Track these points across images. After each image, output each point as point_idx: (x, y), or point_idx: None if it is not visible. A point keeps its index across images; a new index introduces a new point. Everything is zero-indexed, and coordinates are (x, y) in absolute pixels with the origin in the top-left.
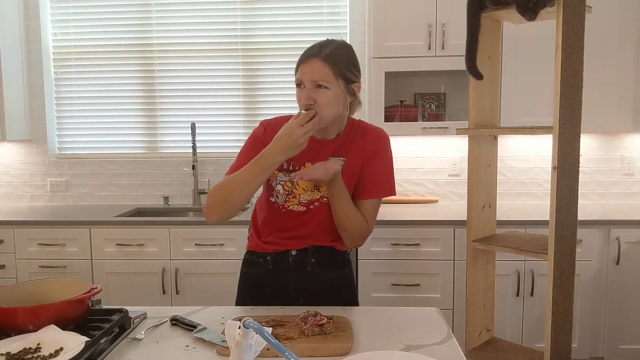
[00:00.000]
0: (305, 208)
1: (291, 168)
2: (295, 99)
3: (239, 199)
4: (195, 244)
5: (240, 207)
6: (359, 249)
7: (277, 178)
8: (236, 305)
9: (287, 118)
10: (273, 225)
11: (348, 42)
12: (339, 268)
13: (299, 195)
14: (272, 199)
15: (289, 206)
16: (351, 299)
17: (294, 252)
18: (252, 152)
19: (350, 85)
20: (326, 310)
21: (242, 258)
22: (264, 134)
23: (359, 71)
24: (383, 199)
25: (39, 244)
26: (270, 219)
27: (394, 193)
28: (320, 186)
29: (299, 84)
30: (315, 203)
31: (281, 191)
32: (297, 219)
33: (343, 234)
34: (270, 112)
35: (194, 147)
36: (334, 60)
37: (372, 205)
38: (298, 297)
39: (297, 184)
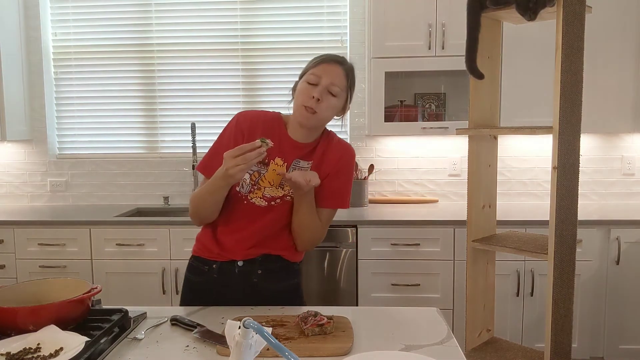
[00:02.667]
0: (266, 203)
1: (261, 159)
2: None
3: (209, 211)
4: None
5: (214, 214)
6: (359, 249)
7: None
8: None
9: (262, 114)
10: (228, 220)
11: (348, 42)
12: (287, 280)
13: (264, 188)
14: (238, 188)
15: (251, 198)
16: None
17: (240, 263)
18: (219, 146)
19: (347, 105)
20: (326, 310)
21: (187, 261)
22: (236, 125)
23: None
24: (383, 198)
25: (39, 244)
26: (229, 212)
27: (348, 206)
28: (284, 185)
29: (313, 82)
30: (277, 200)
31: (247, 180)
32: (256, 215)
33: (298, 239)
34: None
35: (194, 147)
36: (351, 75)
37: (329, 214)
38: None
39: (264, 177)
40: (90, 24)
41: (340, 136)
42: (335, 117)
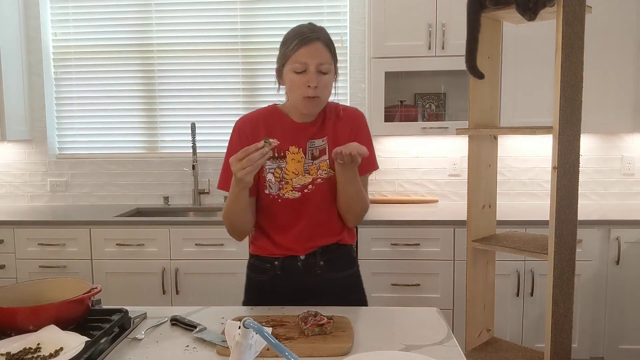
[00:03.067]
0: (299, 193)
1: (276, 154)
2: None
3: (240, 221)
4: (195, 244)
5: (248, 224)
6: (359, 248)
7: (266, 168)
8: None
9: (259, 112)
10: (275, 222)
11: (348, 42)
12: (347, 268)
13: (291, 180)
14: (267, 191)
15: (283, 194)
16: (361, 300)
17: (302, 257)
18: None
19: (337, 67)
20: (326, 310)
21: (247, 260)
22: (238, 132)
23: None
24: (383, 198)
25: (39, 244)
26: (270, 215)
27: (377, 167)
28: (309, 170)
29: (300, 70)
30: (309, 186)
31: (272, 180)
32: (296, 208)
33: (349, 215)
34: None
35: (194, 147)
36: (330, 43)
37: (365, 181)
38: (306, 301)
39: (287, 170)
40: (90, 24)
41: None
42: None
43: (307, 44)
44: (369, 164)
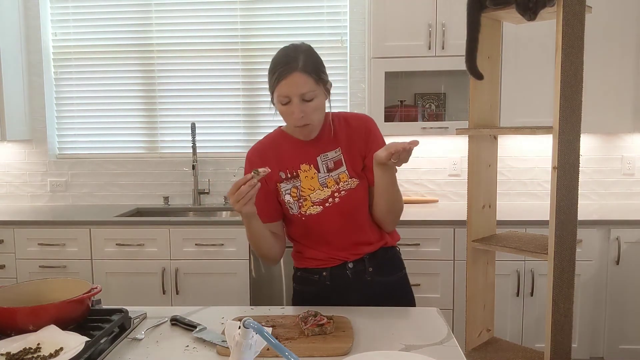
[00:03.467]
0: (321, 207)
1: (289, 175)
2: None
3: (260, 245)
4: (195, 244)
5: (271, 246)
6: None
7: (282, 190)
8: None
9: (265, 139)
10: (309, 237)
11: (348, 42)
12: (395, 272)
13: (309, 196)
14: (291, 212)
15: (305, 211)
16: (410, 302)
17: (350, 265)
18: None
19: (327, 87)
20: (326, 310)
21: (292, 275)
22: (249, 164)
23: (325, 69)
24: None
25: (39, 244)
26: (303, 233)
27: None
28: (327, 183)
29: (285, 102)
30: (330, 200)
31: (291, 200)
32: (321, 221)
33: (390, 216)
34: (270, 112)
35: (194, 147)
36: (312, 68)
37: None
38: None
39: (302, 187)
40: (90, 24)
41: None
42: (328, 99)
43: (285, 76)
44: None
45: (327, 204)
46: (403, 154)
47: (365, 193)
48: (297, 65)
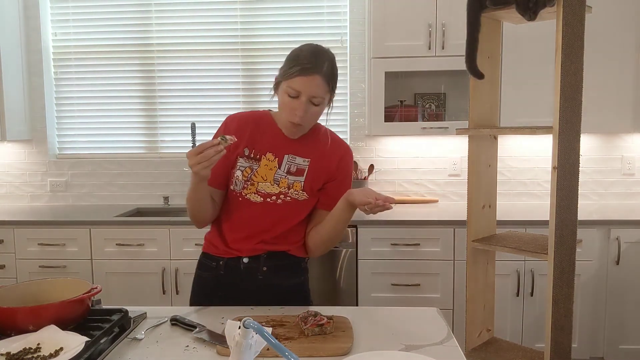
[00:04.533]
0: (261, 199)
1: (252, 155)
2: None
3: (198, 210)
4: (195, 244)
5: (206, 213)
6: (359, 249)
7: (238, 164)
8: (190, 305)
9: (251, 113)
10: (230, 218)
11: (348, 42)
12: (293, 278)
13: (257, 183)
14: (232, 187)
15: (245, 194)
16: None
17: (245, 260)
18: None
19: (332, 98)
20: (326, 310)
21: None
22: (224, 128)
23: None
24: None
25: (39, 244)
26: (228, 211)
27: None
28: (279, 182)
29: (293, 96)
30: (273, 197)
31: (240, 177)
32: (254, 211)
33: (322, 246)
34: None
35: (193, 147)
36: (331, 77)
37: None
38: (247, 303)
39: (257, 172)
40: (90, 24)
41: (341, 137)
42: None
43: (306, 75)
44: None
45: (268, 199)
46: (376, 209)
47: (307, 211)
48: (322, 70)
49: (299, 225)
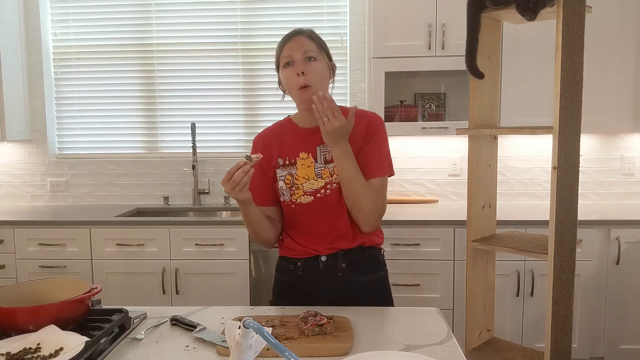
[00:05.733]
0: (312, 197)
1: (287, 162)
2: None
3: (257, 230)
4: (195, 244)
5: (266, 231)
6: None
7: (278, 176)
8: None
9: (272, 126)
10: (294, 226)
11: (348, 42)
12: (372, 273)
13: (302, 185)
14: (282, 199)
15: (296, 199)
16: (387, 304)
17: (323, 258)
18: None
19: (330, 62)
20: (326, 310)
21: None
22: (253, 150)
23: (328, 48)
24: None
25: (39, 244)
26: (289, 221)
27: (393, 173)
28: (322, 174)
29: (287, 63)
30: (322, 191)
31: (284, 187)
32: (310, 212)
33: (359, 215)
34: (270, 112)
35: (194, 147)
36: (315, 36)
37: (380, 183)
38: (330, 303)
39: (297, 175)
40: (90, 24)
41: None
42: (331, 80)
43: (289, 39)
44: (377, 167)
45: (318, 195)
46: (319, 105)
47: None
48: (302, 32)
49: None
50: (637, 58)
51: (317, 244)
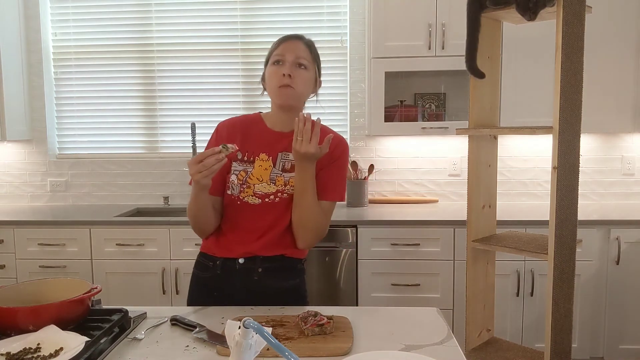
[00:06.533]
0: (260, 200)
1: (245, 158)
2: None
3: (199, 219)
4: (196, 244)
5: (208, 222)
6: (359, 249)
7: (232, 168)
8: (187, 305)
9: (241, 117)
10: (229, 221)
11: (348, 42)
12: (288, 279)
13: (253, 185)
14: (229, 191)
15: (243, 197)
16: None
17: (241, 261)
18: None
19: (319, 78)
20: (326, 310)
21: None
22: (216, 134)
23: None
24: (383, 198)
25: (39, 244)
26: (228, 215)
27: (342, 199)
28: (276, 181)
29: (277, 61)
30: (271, 196)
31: (235, 181)
32: (253, 213)
33: (301, 232)
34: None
35: (194, 147)
36: (313, 48)
37: (330, 207)
38: (245, 305)
39: (252, 174)
40: (90, 24)
41: (343, 136)
42: (314, 93)
43: (287, 40)
44: (332, 190)
45: (267, 199)
46: (301, 123)
47: None
48: (302, 38)
49: None
50: (637, 58)
51: (239, 245)
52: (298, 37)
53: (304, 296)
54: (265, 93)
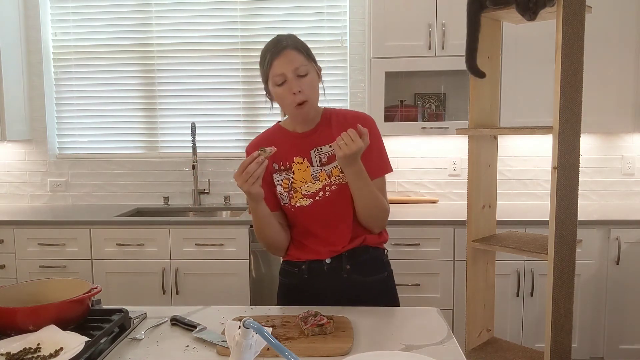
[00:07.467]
0: (311, 200)
1: (282, 167)
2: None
3: (266, 233)
4: (195, 244)
5: (276, 235)
6: None
7: (275, 181)
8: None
9: (264, 133)
10: (296, 229)
11: (348, 42)
12: (376, 272)
13: (300, 188)
14: (283, 203)
15: (295, 203)
16: (393, 303)
17: (328, 261)
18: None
19: (317, 67)
20: (326, 310)
21: (279, 267)
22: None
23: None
24: None
25: (39, 244)
26: (293, 223)
27: (391, 169)
28: (319, 177)
29: (280, 82)
30: (320, 193)
31: (282, 191)
32: (309, 214)
33: (371, 223)
34: (270, 112)
35: (194, 147)
36: (301, 46)
37: (381, 183)
38: (337, 304)
39: (294, 179)
40: (90, 24)
41: None
42: (320, 83)
43: (277, 55)
44: (379, 166)
45: (317, 197)
46: (345, 137)
47: None
48: (287, 44)
49: None
50: (637, 58)
51: (320, 246)
52: (284, 46)
53: (392, 291)
54: (275, 105)
